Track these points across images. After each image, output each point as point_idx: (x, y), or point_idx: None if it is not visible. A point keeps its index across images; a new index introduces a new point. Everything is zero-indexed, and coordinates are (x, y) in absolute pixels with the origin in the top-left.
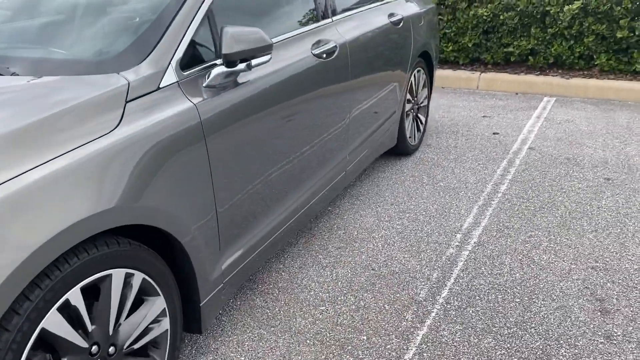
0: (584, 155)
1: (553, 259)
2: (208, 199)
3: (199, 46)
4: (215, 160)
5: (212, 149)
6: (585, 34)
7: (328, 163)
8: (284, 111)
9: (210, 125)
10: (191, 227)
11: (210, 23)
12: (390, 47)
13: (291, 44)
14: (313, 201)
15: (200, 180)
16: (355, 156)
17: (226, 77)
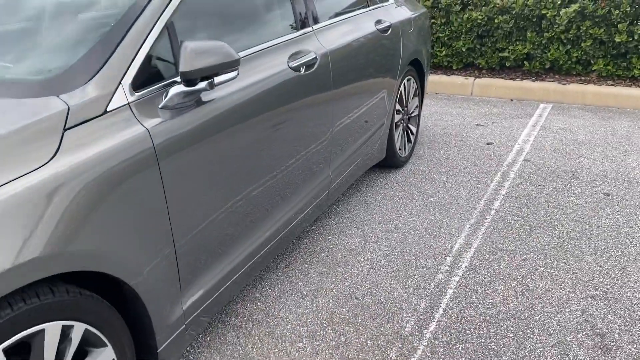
0: (582, 168)
1: (549, 286)
2: (164, 233)
3: (157, 62)
4: (171, 189)
5: (167, 177)
6: (583, 38)
7: (308, 183)
8: (254, 131)
9: (166, 151)
10: (143, 267)
11: (170, 36)
12: (378, 56)
13: (265, 56)
14: (291, 226)
15: (153, 213)
16: (340, 173)
17: (186, 96)
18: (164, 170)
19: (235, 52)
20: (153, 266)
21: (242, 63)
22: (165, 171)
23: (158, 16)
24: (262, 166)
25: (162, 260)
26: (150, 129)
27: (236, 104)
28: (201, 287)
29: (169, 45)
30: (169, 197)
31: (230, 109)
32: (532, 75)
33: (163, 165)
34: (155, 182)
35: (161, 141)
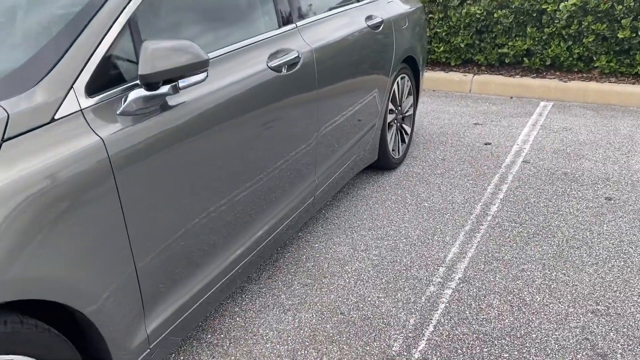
0: (583, 170)
1: (548, 299)
2: (122, 253)
3: (117, 64)
4: (130, 204)
5: (125, 191)
6: (585, 34)
7: (291, 191)
8: (228, 137)
9: (123, 162)
10: (98, 292)
11: (133, 34)
12: (368, 53)
13: (241, 56)
14: (274, 234)
15: (109, 231)
16: (327, 178)
17: (148, 101)
18: (121, 184)
19: (204, 52)
20: (110, 289)
21: (216, 64)
22: (123, 184)
23: (120, 11)
24: (238, 174)
25: (121, 282)
26: (105, 137)
27: (207, 108)
28: (169, 307)
29: (132, 44)
30: (128, 213)
31: (200, 114)
32: (532, 72)
33: (120, 178)
34: (111, 197)
35: (118, 151)
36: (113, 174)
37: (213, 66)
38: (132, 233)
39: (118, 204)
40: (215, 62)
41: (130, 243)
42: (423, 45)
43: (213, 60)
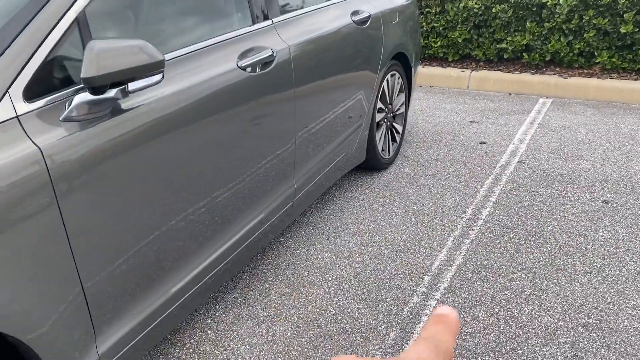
0: (581, 171)
1: (537, 312)
2: (67, 274)
3: (62, 65)
4: (74, 220)
5: (68, 205)
6: (586, 29)
7: (265, 198)
8: (188, 144)
9: (65, 174)
10: (40, 316)
11: (81, 32)
12: (353, 51)
13: (208, 55)
14: (244, 246)
15: (51, 251)
16: (307, 182)
17: (95, 106)
18: (62, 198)
19: (159, 52)
20: (53, 313)
21: (176, 64)
22: (65, 198)
23: (67, 8)
24: (200, 183)
25: (65, 304)
26: (43, 147)
27: (164, 112)
28: (125, 325)
29: (80, 43)
30: (72, 230)
31: (156, 119)
32: (531, 67)
33: (61, 191)
34: (51, 213)
35: (58, 161)
36: (53, 186)
37: (172, 67)
38: (78, 251)
39: (60, 220)
40: (175, 63)
41: (76, 263)
42: (415, 40)
43: (173, 61)
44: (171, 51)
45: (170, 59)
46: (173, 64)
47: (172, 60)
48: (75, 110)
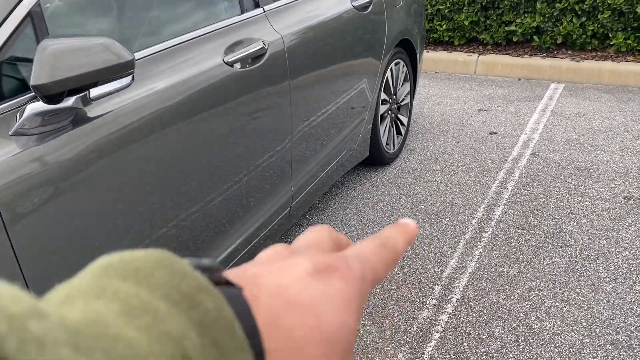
0: (599, 163)
1: (559, 327)
2: None
3: (11, 69)
4: (27, 248)
5: (21, 234)
6: (600, 9)
7: (259, 207)
8: (166, 153)
9: (16, 197)
10: None
11: (36, 31)
12: (353, 38)
13: (189, 51)
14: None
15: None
16: (306, 184)
17: (52, 116)
18: (12, 225)
19: (127, 51)
20: None
21: (151, 63)
22: (16, 225)
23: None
24: (185, 195)
25: None
26: None
27: (137, 119)
28: None
29: (35, 43)
30: (23, 260)
31: (128, 127)
32: (542, 51)
33: (11, 217)
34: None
35: (6, 182)
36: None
37: (145, 67)
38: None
39: (9, 250)
40: (149, 62)
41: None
42: (420, 25)
43: (146, 60)
44: (144, 48)
45: (142, 57)
46: (146, 63)
47: (146, 58)
48: (27, 122)
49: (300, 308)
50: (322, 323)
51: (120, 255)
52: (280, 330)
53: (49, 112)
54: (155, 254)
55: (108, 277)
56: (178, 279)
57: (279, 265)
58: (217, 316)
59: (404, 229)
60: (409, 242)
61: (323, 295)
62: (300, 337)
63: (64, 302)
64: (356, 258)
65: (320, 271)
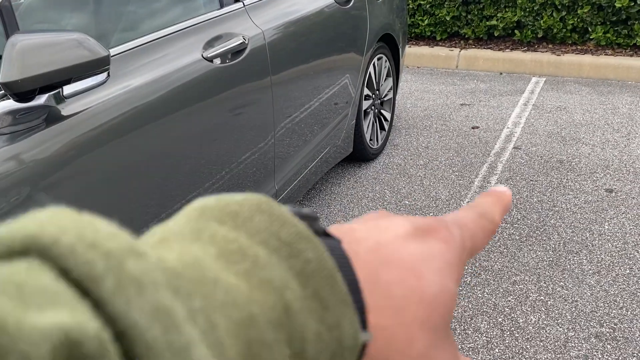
0: (580, 156)
1: (544, 320)
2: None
3: None
4: None
5: None
6: (579, 4)
7: None
8: (143, 152)
9: None
10: None
11: (6, 26)
12: (336, 34)
13: (165, 47)
14: None
15: None
16: (289, 183)
17: (24, 114)
18: None
19: (102, 47)
20: None
21: (127, 59)
22: None
23: None
24: (163, 195)
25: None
26: None
27: (114, 117)
28: None
29: (4, 38)
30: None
31: (104, 125)
32: (523, 45)
33: None
34: None
35: None
36: None
37: (121, 63)
38: None
39: None
40: (125, 58)
41: None
42: (402, 20)
43: (122, 56)
44: (120, 44)
45: (118, 53)
46: (122, 59)
47: (122, 54)
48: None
49: (400, 265)
50: (423, 284)
51: (217, 198)
52: (380, 287)
53: (21, 111)
54: (254, 198)
55: (205, 220)
56: (278, 225)
57: (378, 223)
58: (319, 266)
59: (500, 197)
60: (505, 211)
61: (423, 256)
62: (400, 295)
63: (160, 244)
64: (456, 224)
65: (421, 232)
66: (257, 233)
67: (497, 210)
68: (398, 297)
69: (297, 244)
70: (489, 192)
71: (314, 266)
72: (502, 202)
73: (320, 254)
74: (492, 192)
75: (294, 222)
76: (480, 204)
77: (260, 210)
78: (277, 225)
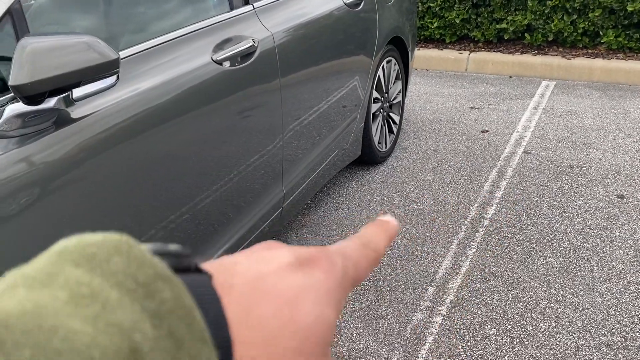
0: (591, 162)
1: (554, 328)
2: None
3: None
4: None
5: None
6: (591, 7)
7: (250, 206)
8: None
9: None
10: None
11: (16, 29)
12: (345, 36)
13: (175, 50)
14: None
15: None
16: (297, 186)
17: (33, 117)
18: None
19: (111, 49)
20: None
21: (137, 62)
22: None
23: None
24: (171, 198)
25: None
26: None
27: (123, 120)
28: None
29: (14, 41)
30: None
31: (114, 128)
32: (533, 48)
33: None
34: None
35: None
36: None
37: (131, 66)
38: None
39: None
40: (135, 60)
41: None
42: (412, 23)
43: (132, 58)
44: (129, 47)
45: (127, 56)
46: (132, 62)
47: (131, 57)
48: (7, 124)
49: (276, 298)
50: (298, 314)
51: (78, 238)
52: (253, 320)
53: (30, 113)
54: (114, 239)
55: (61, 263)
56: (135, 266)
57: (262, 254)
58: (175, 306)
59: (384, 226)
60: (390, 240)
61: (302, 286)
62: (274, 327)
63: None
64: (339, 253)
65: (302, 263)
66: (113, 275)
67: (382, 239)
68: (271, 329)
69: (154, 285)
70: (375, 222)
71: (170, 306)
72: (387, 231)
73: (178, 293)
74: (378, 222)
75: (153, 262)
76: (365, 234)
77: (119, 251)
78: (134, 266)
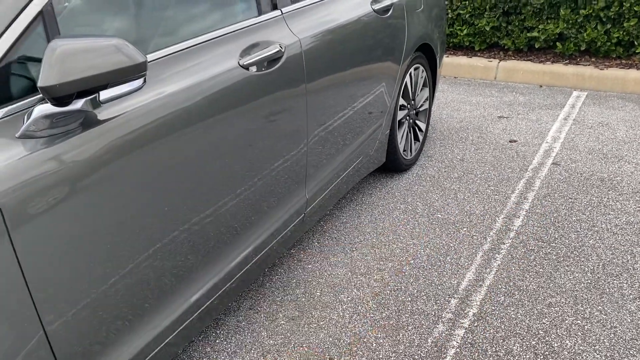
0: (623, 175)
1: (580, 346)
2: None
3: (20, 70)
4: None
5: (23, 238)
6: (626, 17)
7: (273, 211)
8: (178, 158)
9: (22, 202)
10: None
11: (47, 30)
12: (373, 43)
13: (202, 54)
14: (245, 269)
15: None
16: (320, 192)
17: (61, 118)
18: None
19: (139, 53)
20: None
21: (164, 65)
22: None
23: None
24: (195, 202)
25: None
26: None
27: (149, 123)
28: None
29: (45, 42)
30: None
31: (139, 131)
32: (564, 58)
33: (17, 222)
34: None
35: (12, 186)
36: (4, 220)
37: (158, 69)
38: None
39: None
40: (161, 64)
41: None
42: (441, 30)
43: (158, 62)
44: (157, 50)
45: (155, 59)
46: (159, 65)
47: (158, 60)
48: (35, 125)
49: None
50: None
51: None
52: None
53: (58, 115)
54: None
55: None
56: None
57: None
58: None
59: None
60: None
61: None
62: None
63: None
64: None
65: None
66: None
67: None
68: None
69: None
70: None
71: None
72: None
73: None
74: None
75: None
76: None
77: None
78: None
